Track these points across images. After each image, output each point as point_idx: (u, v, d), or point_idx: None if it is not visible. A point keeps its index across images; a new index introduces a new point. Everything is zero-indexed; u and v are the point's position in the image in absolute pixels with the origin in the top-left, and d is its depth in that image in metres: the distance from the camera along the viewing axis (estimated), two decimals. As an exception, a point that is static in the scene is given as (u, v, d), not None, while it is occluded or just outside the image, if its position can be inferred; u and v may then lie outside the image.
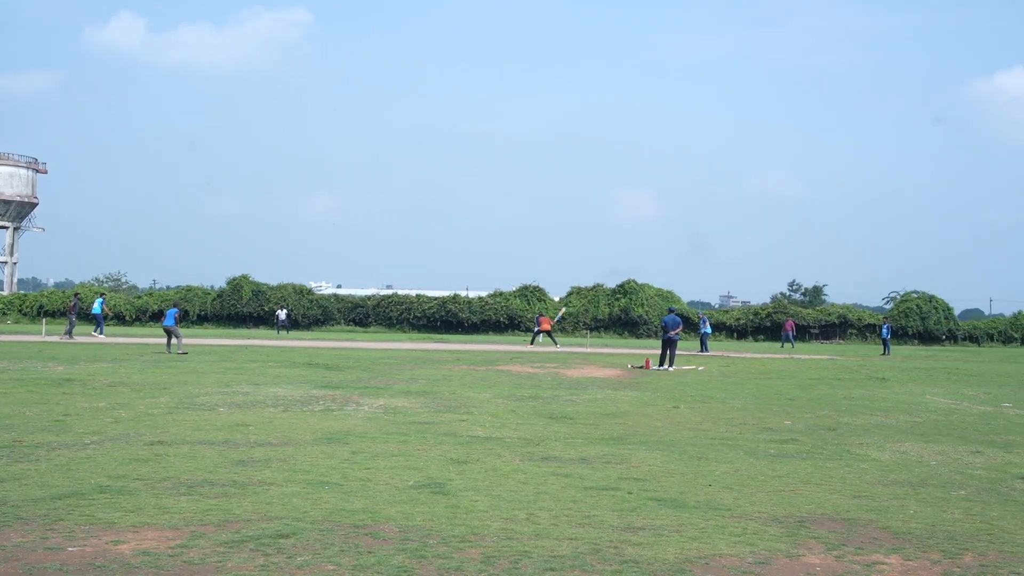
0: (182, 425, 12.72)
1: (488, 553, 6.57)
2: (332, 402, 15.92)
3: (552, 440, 12.20)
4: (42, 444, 10.86)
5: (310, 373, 22.13)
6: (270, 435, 12.01)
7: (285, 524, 7.25)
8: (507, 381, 21.20)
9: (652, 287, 66.18)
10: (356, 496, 8.36)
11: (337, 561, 6.30)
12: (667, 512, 8.04)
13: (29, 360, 24.19)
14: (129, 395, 16.33)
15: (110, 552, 6.41)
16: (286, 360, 26.64)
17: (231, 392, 17.12)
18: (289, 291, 65.15)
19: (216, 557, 6.34)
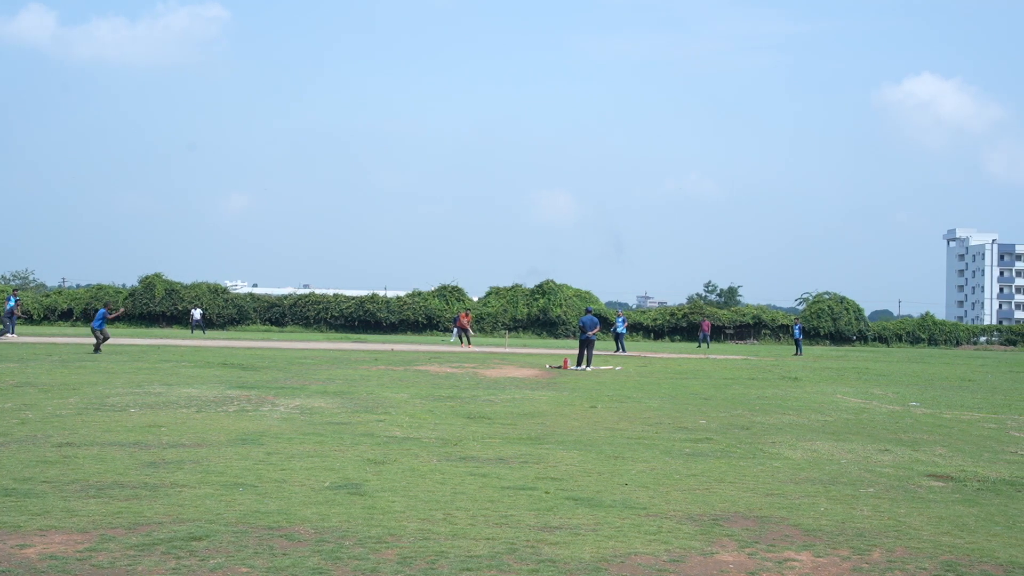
0: (92, 426, 12.44)
1: (404, 554, 6.55)
2: (247, 403, 15.71)
3: (470, 440, 12.19)
4: (-56, 446, 10.53)
5: (225, 373, 21.81)
6: (183, 436, 11.81)
7: (198, 526, 7.14)
8: (425, 381, 21.15)
9: (570, 287, 66.58)
10: (271, 498, 8.27)
11: (251, 563, 6.22)
12: (584, 511, 8.09)
13: (-69, 360, 23.45)
14: (37, 396, 15.92)
15: (16, 556, 6.25)
16: (200, 360, 26.22)
17: (143, 393, 16.79)
18: (204, 290, 64.17)
19: (126, 560, 6.22)
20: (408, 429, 13.10)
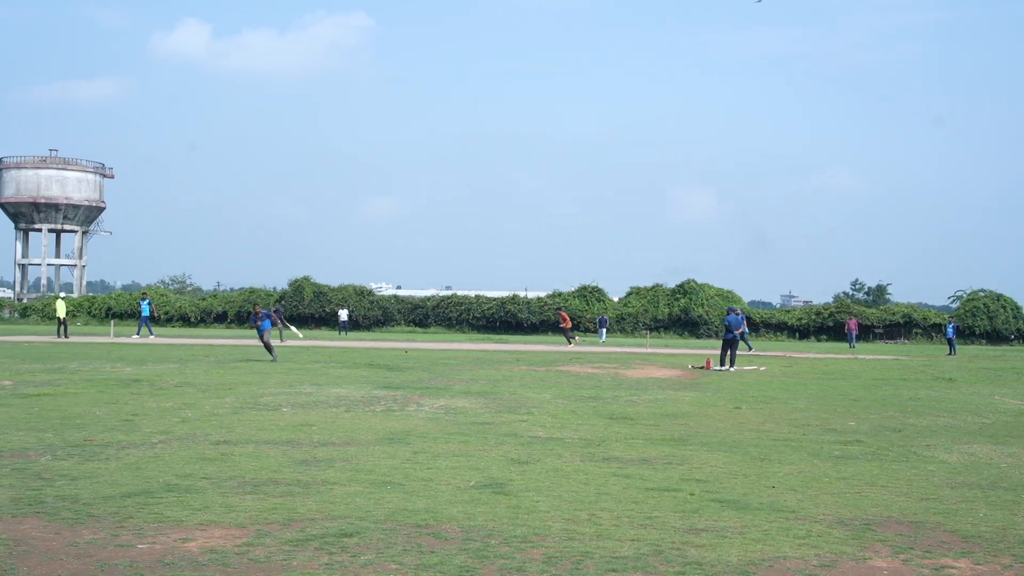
0: (247, 425, 12.89)
1: (550, 554, 6.58)
2: (393, 402, 16.04)
3: (613, 441, 12.17)
4: (112, 443, 11.08)
5: (371, 374, 22.30)
6: (333, 435, 12.13)
7: (348, 523, 7.33)
8: (567, 382, 21.20)
9: (712, 287, 65.70)
10: (418, 496, 8.42)
11: (400, 560, 6.35)
12: (730, 514, 7.99)
13: (98, 361, 24.68)
14: (195, 395, 16.60)
15: (179, 550, 6.53)
16: (348, 361, 26.88)
17: (294, 392, 17.31)
18: (350, 292, 65.68)
19: (281, 555, 6.43)
20: (551, 429, 13.16)
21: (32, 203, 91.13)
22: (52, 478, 8.91)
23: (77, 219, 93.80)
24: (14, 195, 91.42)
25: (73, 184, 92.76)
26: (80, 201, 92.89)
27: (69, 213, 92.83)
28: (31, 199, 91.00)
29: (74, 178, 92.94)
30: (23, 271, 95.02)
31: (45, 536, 6.79)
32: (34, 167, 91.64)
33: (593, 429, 13.30)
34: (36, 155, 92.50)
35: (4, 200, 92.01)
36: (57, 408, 14.32)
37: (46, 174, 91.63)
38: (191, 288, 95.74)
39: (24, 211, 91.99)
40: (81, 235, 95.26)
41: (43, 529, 6.99)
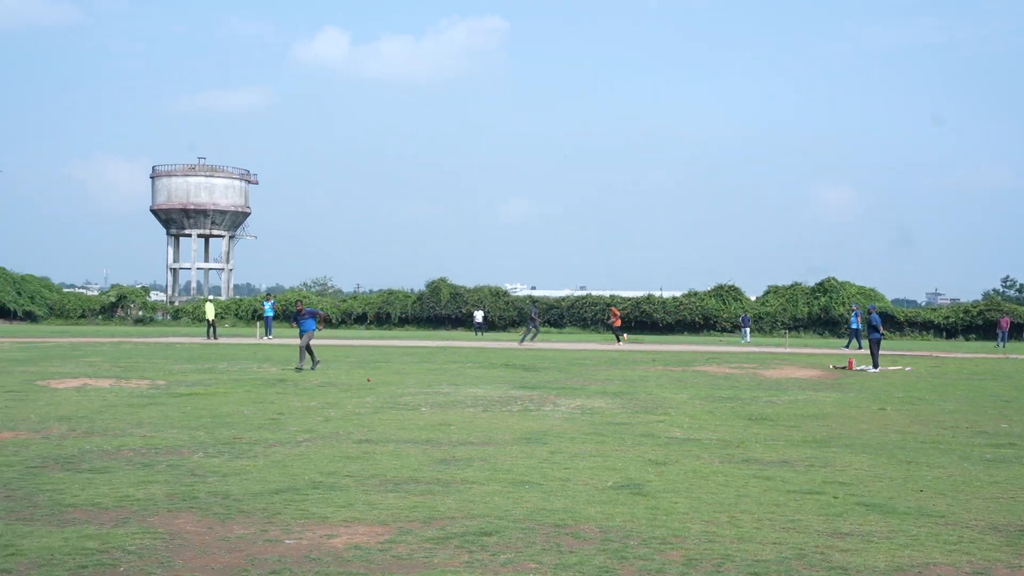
0: (388, 424, 13.15)
1: (690, 555, 6.53)
2: (530, 402, 16.13)
3: (752, 442, 11.99)
4: (259, 441, 11.45)
5: (508, 374, 22.48)
6: (471, 435, 12.28)
7: (488, 522, 7.41)
8: (704, 382, 20.97)
9: (853, 285, 63.93)
10: (556, 496, 8.46)
11: (539, 560, 6.38)
12: (876, 518, 7.78)
13: (245, 361, 25.53)
14: (338, 395, 17.01)
15: (324, 545, 6.71)
16: (484, 361, 27.14)
17: (433, 392, 17.58)
18: (485, 293, 66.27)
19: (423, 553, 6.54)
20: (689, 430, 13.04)
21: (182, 209, 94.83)
22: (204, 475, 9.27)
23: (224, 224, 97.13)
24: (166, 202, 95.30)
25: (220, 190, 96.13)
26: (227, 207, 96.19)
27: (216, 218, 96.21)
28: (181, 205, 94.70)
29: (221, 185, 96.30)
30: (174, 275, 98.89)
31: (198, 530, 7.07)
32: (184, 175, 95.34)
33: (732, 430, 13.12)
34: (185, 163, 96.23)
35: (156, 207, 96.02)
36: (208, 407, 14.87)
37: (195, 181, 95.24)
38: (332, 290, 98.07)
39: (175, 217, 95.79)
40: (228, 240, 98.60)
41: (196, 524, 7.28)
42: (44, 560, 6.21)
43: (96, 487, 8.59)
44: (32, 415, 13.66)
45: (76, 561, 6.20)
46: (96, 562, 6.18)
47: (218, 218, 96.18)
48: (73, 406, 14.88)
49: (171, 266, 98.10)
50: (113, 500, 8.06)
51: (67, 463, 9.81)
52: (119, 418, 13.49)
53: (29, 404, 15.02)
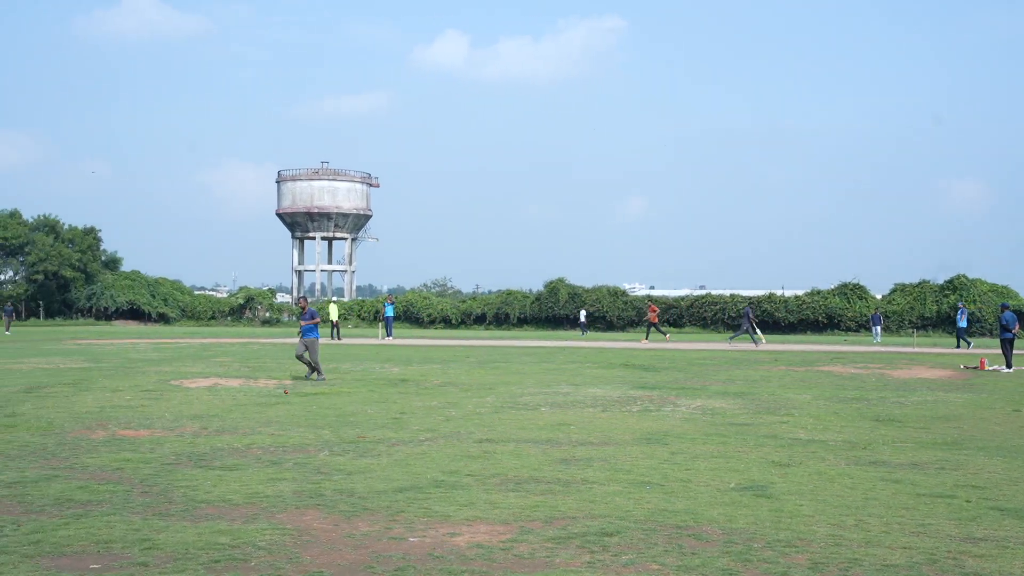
0: (508, 424, 13.24)
1: (815, 559, 6.41)
2: (649, 402, 16.04)
3: (880, 444, 11.70)
4: (383, 440, 11.65)
5: (627, 374, 22.39)
6: (590, 434, 12.27)
7: (609, 522, 7.40)
8: (828, 382, 20.53)
9: (985, 282, 61.69)
10: (677, 497, 8.39)
11: (661, 561, 6.35)
12: (1011, 523, 7.51)
13: (368, 361, 26.00)
14: (458, 395, 17.19)
15: (447, 543, 6.79)
16: (603, 361, 27.09)
17: (552, 392, 17.62)
18: (603, 293, 66.06)
19: (544, 552, 6.56)
20: (813, 431, 12.79)
21: (306, 213, 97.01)
22: (330, 472, 9.48)
23: (346, 227, 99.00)
24: (290, 206, 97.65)
25: (343, 194, 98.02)
26: (349, 210, 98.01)
27: (339, 221, 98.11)
28: (305, 209, 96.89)
29: (343, 188, 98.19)
30: (299, 277, 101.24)
31: (325, 527, 7.23)
32: (308, 179, 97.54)
33: (858, 431, 12.82)
34: (309, 168, 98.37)
35: (282, 210, 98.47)
36: (332, 407, 15.19)
37: (318, 185, 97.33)
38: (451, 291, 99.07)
39: (299, 220, 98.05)
40: (350, 242, 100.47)
41: (323, 520, 7.45)
42: (179, 554, 6.44)
43: (227, 484, 8.86)
44: (166, 414, 14.16)
45: (209, 555, 6.41)
46: (228, 557, 6.38)
47: (341, 221, 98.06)
48: (205, 405, 15.38)
49: (296, 268, 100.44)
50: (243, 497, 8.30)
51: (200, 460, 10.14)
52: (248, 417, 13.89)
53: (163, 403, 15.58)
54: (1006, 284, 62.31)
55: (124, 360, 26.45)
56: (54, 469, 9.58)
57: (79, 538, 6.83)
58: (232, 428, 12.66)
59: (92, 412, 14.27)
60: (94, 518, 7.45)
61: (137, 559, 6.32)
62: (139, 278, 77.98)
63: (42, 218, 77.40)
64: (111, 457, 10.27)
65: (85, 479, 9.05)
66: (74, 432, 12.20)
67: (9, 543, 6.69)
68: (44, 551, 6.50)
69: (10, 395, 16.46)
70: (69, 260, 73.67)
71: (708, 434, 12.36)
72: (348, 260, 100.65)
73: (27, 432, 12.19)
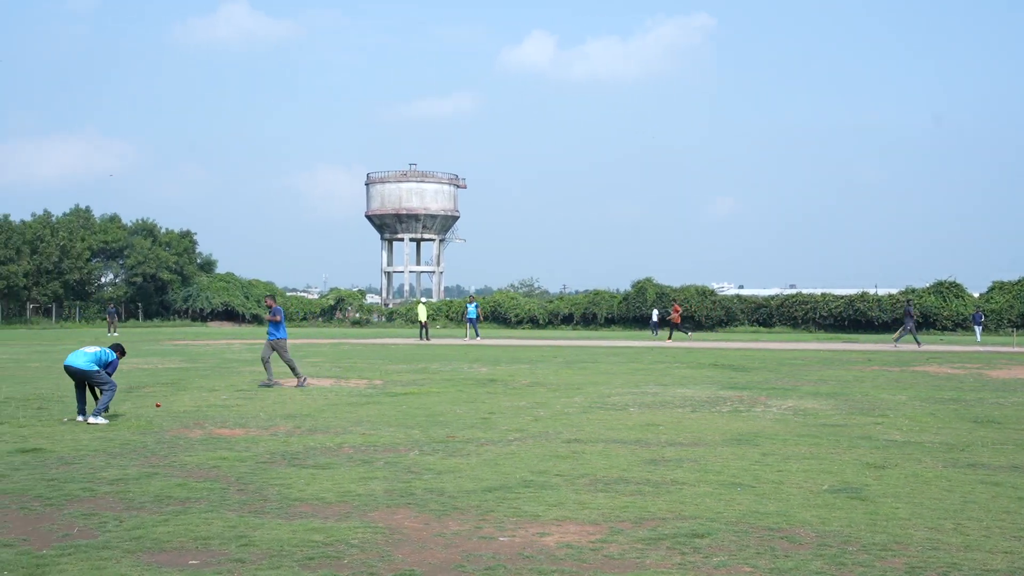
0: (596, 424, 13.21)
1: (912, 563, 6.28)
2: (739, 403, 15.86)
3: (978, 446, 11.40)
4: (472, 440, 11.72)
5: (716, 374, 22.18)
6: (680, 435, 12.18)
7: (699, 524, 7.34)
8: (924, 383, 20.08)
9: (1092, 279, 59.73)
10: (769, 499, 8.29)
11: (754, 563, 6.28)
12: (1119, 529, 7.27)
13: (456, 362, 26.17)
14: (546, 395, 17.21)
15: (536, 543, 6.81)
16: (692, 361, 26.88)
17: (640, 392, 17.54)
18: (691, 293, 65.50)
19: (635, 553, 6.54)
20: (909, 433, 12.52)
21: (395, 215, 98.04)
22: (420, 472, 9.57)
23: (434, 228, 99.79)
24: (379, 208, 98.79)
25: (430, 195, 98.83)
26: (437, 211, 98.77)
27: (427, 223, 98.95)
28: (394, 211, 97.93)
29: (431, 190, 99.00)
30: (388, 278, 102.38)
31: (416, 526, 7.31)
32: (396, 181, 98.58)
33: (955, 433, 12.52)
34: (397, 170, 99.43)
35: (371, 212, 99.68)
36: (422, 406, 15.33)
37: (406, 187, 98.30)
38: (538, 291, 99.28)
39: (388, 222, 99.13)
40: (438, 243, 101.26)
41: (414, 519, 7.53)
42: (274, 551, 6.57)
43: (320, 482, 9.01)
44: (261, 413, 14.44)
45: (304, 553, 6.52)
46: (322, 554, 6.48)
47: (429, 222, 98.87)
48: (297, 405, 15.64)
49: (385, 269, 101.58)
50: (336, 495, 8.43)
51: (293, 459, 10.32)
52: (340, 416, 14.09)
53: (258, 403, 15.89)
54: (1112, 281, 60.20)
55: (220, 360, 27.04)
56: (154, 467, 9.85)
57: (178, 534, 7.01)
58: (324, 427, 12.86)
59: (189, 411, 14.63)
60: (192, 515, 7.64)
61: (234, 555, 6.46)
62: (233, 280, 79.63)
63: (140, 222, 79.55)
64: (208, 455, 10.52)
65: (183, 477, 9.28)
66: (172, 431, 12.52)
67: (112, 538, 6.89)
68: (145, 547, 6.68)
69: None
70: (166, 263, 75.59)
71: (800, 435, 12.19)
72: (436, 261, 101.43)
73: (128, 431, 12.54)
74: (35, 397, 16.54)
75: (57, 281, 69.30)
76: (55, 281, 69.17)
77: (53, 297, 69.80)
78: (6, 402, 15.72)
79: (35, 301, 69.45)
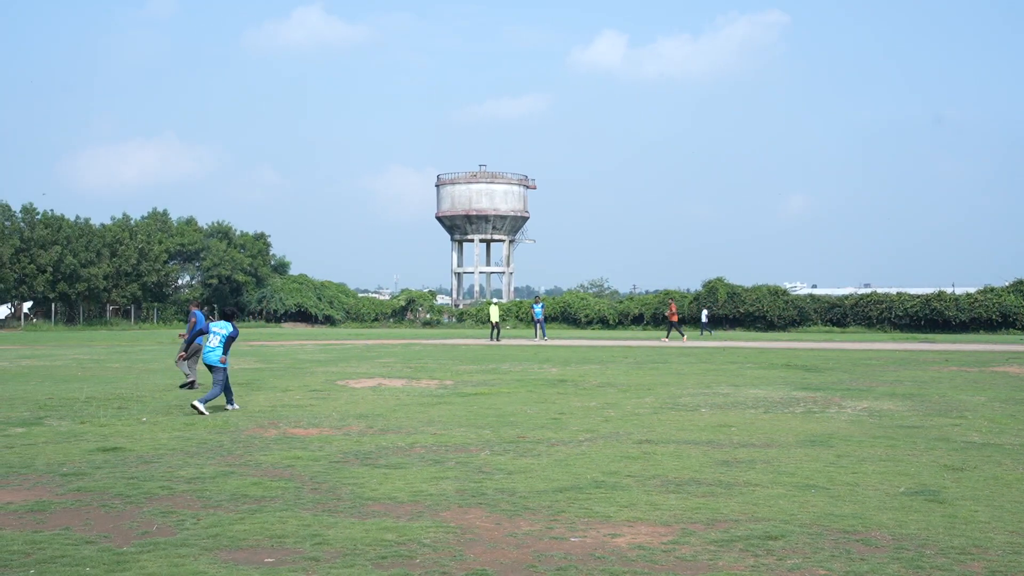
0: (667, 425, 13.14)
1: (993, 568, 6.15)
2: (813, 404, 15.66)
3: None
4: (542, 440, 11.73)
5: (789, 374, 21.92)
6: (752, 436, 12.07)
7: (773, 526, 7.27)
8: (1004, 383, 19.64)
9: None
10: (844, 501, 8.19)
11: (828, 566, 6.21)
12: None
13: (527, 362, 26.19)
14: (616, 395, 17.16)
15: (608, 544, 6.80)
16: (764, 361, 26.60)
17: (712, 393, 17.41)
18: (764, 292, 64.80)
19: (707, 555, 6.50)
20: (988, 434, 12.26)
21: (465, 215, 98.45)
22: (491, 472, 9.61)
23: (504, 229, 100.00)
24: (449, 209, 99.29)
25: (500, 196, 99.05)
26: (506, 212, 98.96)
27: (497, 223, 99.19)
28: (464, 212, 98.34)
29: (501, 191, 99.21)
30: (458, 279, 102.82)
31: (487, 526, 7.34)
32: (466, 182, 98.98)
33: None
34: (467, 171, 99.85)
35: (441, 214, 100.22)
36: (492, 406, 15.38)
37: (476, 188, 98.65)
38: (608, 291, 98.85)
39: (458, 223, 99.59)
40: (508, 244, 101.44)
41: (485, 519, 7.56)
42: (348, 550, 6.64)
43: (392, 482, 9.09)
44: (334, 413, 14.61)
45: (377, 552, 6.59)
46: (395, 553, 6.55)
47: (498, 223, 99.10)
48: (369, 404, 15.79)
49: (455, 270, 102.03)
50: (408, 495, 8.50)
51: (366, 459, 10.43)
52: (411, 416, 14.20)
53: (331, 402, 16.07)
54: None
55: (293, 361, 27.39)
56: (230, 466, 10.01)
57: (254, 532, 7.13)
58: (396, 427, 12.97)
59: (264, 411, 14.85)
60: (268, 513, 7.76)
61: (308, 554, 6.55)
62: (306, 281, 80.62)
63: (216, 224, 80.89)
64: (282, 455, 10.67)
65: (259, 476, 9.43)
66: (248, 430, 12.72)
67: (190, 536, 7.03)
68: (222, 544, 6.81)
69: (189, 395, 17.24)
70: (241, 264, 76.77)
71: (875, 436, 12.00)
72: (506, 262, 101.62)
73: (204, 430, 12.77)
74: (115, 397, 16.92)
75: (136, 283, 70.72)
76: (134, 283, 70.60)
77: (132, 299, 71.26)
78: (88, 402, 16.11)
79: (114, 303, 70.98)
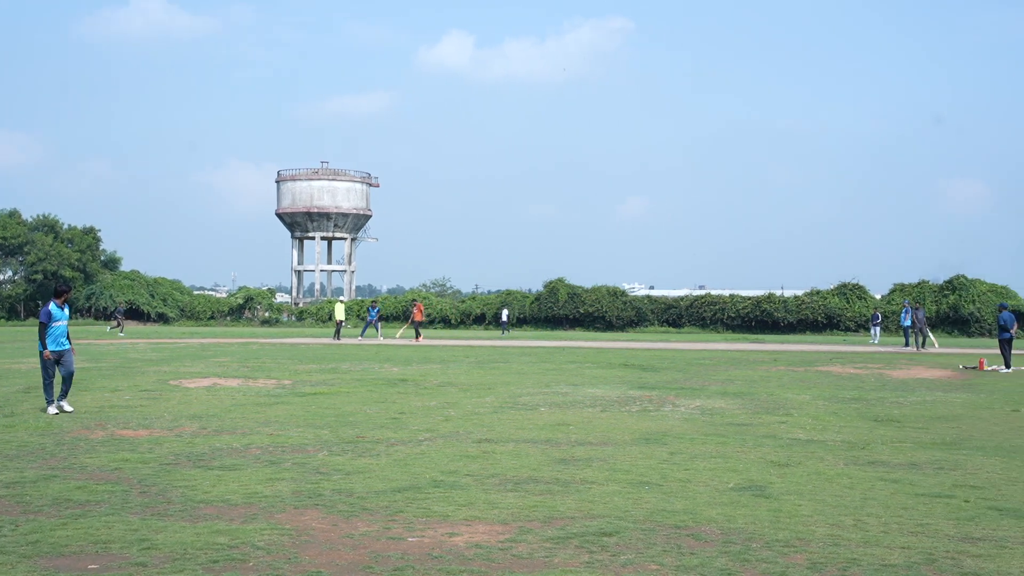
0: (507, 424, 13.23)
1: (814, 559, 6.41)
2: (649, 403, 16.04)
3: (878, 444, 11.70)
4: (381, 440, 11.65)
5: (626, 374, 22.39)
6: (589, 435, 12.26)
7: (607, 523, 7.40)
8: (827, 382, 20.54)
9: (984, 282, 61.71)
10: (676, 497, 8.40)
11: (660, 561, 6.35)
12: (1009, 522, 7.51)
13: (368, 362, 25.98)
14: (457, 395, 17.19)
15: (446, 544, 6.79)
16: (602, 361, 27.10)
17: (551, 392, 17.62)
18: (603, 293, 66.08)
19: (543, 552, 6.56)
20: (812, 431, 12.79)
21: (306, 213, 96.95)
22: (329, 472, 9.47)
23: (346, 227, 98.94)
24: (290, 206, 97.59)
25: (342, 194, 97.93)
26: (348, 210, 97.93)
27: (339, 221, 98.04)
28: (305, 209, 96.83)
29: (343, 188, 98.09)
30: (299, 277, 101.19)
31: (323, 527, 7.23)
32: (307, 179, 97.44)
33: (856, 432, 12.82)
34: (309, 167, 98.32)
35: (281, 210, 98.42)
36: (331, 406, 15.19)
37: (318, 185, 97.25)
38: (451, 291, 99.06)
39: (299, 220, 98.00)
40: (350, 242, 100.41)
41: (321, 520, 7.45)
42: (178, 554, 6.44)
43: (226, 484, 8.86)
44: (165, 414, 14.16)
45: (208, 556, 6.40)
46: (227, 557, 6.38)
47: (340, 221, 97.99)
48: (204, 405, 15.37)
49: (296, 268, 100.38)
50: (242, 497, 8.30)
51: (198, 460, 10.14)
52: (247, 416, 13.89)
53: (163, 403, 15.58)
54: (1005, 284, 62.41)
55: (123, 360, 26.44)
56: (52, 469, 9.59)
57: (77, 538, 6.83)
58: (231, 428, 12.66)
59: (91, 412, 14.28)
60: (92, 518, 7.45)
61: (135, 559, 6.32)
62: (138, 278, 77.94)
63: (41, 218, 77.33)
64: (110, 457, 10.27)
65: (83, 479, 9.05)
66: (73, 432, 12.20)
67: (7, 543, 6.69)
68: (42, 551, 6.50)
69: (9, 395, 16.45)
70: (68, 260, 73.62)
71: (707, 434, 12.37)
72: (348, 260, 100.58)
73: (26, 432, 12.19)
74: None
75: (-47, 278, 67.08)
76: (-50, 277, 66.95)
77: (-51, 294, 67.54)
78: None
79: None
